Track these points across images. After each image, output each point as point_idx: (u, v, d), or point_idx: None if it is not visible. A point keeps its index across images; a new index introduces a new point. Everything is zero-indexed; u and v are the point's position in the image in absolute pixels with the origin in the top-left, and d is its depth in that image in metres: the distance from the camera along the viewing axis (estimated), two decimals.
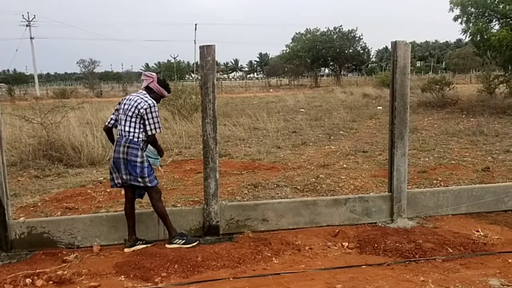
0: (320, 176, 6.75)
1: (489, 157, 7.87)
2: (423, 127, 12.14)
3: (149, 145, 4.19)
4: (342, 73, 57.01)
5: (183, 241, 4.14)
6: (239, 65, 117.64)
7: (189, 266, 3.67)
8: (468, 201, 4.96)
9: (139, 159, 3.98)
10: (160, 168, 4.37)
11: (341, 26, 51.47)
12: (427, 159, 7.94)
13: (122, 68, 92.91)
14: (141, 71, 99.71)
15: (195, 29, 57.48)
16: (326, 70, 70.14)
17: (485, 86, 18.59)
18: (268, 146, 9.58)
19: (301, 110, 17.94)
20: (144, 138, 4.06)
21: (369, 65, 66.55)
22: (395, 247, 3.93)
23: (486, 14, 15.80)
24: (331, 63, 54.64)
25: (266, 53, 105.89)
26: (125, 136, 4.00)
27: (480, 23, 15.39)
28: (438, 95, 18.02)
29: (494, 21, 16.08)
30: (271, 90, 42.49)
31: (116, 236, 4.29)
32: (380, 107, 17.61)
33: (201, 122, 4.44)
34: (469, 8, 15.61)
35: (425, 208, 4.91)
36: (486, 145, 9.08)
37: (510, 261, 3.63)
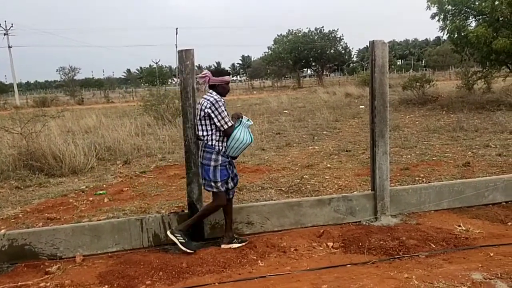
0: (305, 176, 6.77)
1: (469, 152, 7.99)
2: (405, 125, 12.28)
3: (235, 130, 4.05)
4: (324, 73, 57.38)
5: (184, 241, 4.07)
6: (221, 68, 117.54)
7: (173, 272, 3.63)
8: (450, 196, 5.03)
9: (212, 163, 4.02)
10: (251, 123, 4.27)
11: (322, 27, 51.93)
12: (409, 156, 8.03)
13: (104, 74, 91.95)
14: (123, 76, 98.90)
15: (176, 33, 57.33)
16: (309, 71, 70.53)
17: (464, 83, 18.90)
18: (252, 148, 9.57)
19: (284, 111, 17.99)
20: (220, 138, 4.04)
21: (351, 64, 67.20)
22: (379, 245, 3.96)
23: (463, 12, 16.06)
24: (313, 64, 54.96)
25: (249, 56, 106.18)
26: (202, 140, 4.09)
27: (457, 21, 15.64)
28: (419, 92, 18.27)
29: (470, 18, 16.35)
30: (254, 92, 42.55)
31: (99, 246, 4.23)
32: (363, 106, 17.76)
33: (182, 127, 4.41)
34: (446, 6, 15.83)
35: (408, 205, 4.96)
36: (466, 140, 9.23)
37: (491, 254, 3.69)
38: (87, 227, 4.30)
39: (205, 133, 4.03)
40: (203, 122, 4.03)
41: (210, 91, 4.13)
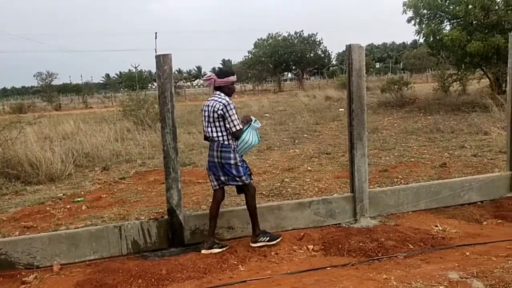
0: (285, 180, 6.80)
1: (446, 153, 8.15)
2: (383, 127, 12.46)
3: (244, 133, 4.21)
4: (304, 77, 57.75)
5: (268, 238, 4.22)
6: (202, 72, 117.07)
7: (153, 280, 3.59)
8: (427, 197, 5.12)
9: (232, 161, 4.12)
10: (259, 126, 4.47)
11: (301, 31, 52.25)
12: (388, 158, 8.14)
13: (82, 80, 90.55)
14: (101, 81, 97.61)
15: (155, 38, 56.92)
16: (289, 75, 70.90)
17: (440, 85, 19.27)
18: None
19: (265, 115, 18.05)
20: (232, 137, 4.15)
21: (330, 68, 67.77)
22: (359, 246, 4.00)
23: (438, 15, 16.39)
24: (294, 68, 55.27)
25: (229, 60, 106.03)
26: (215, 141, 4.15)
27: (433, 24, 15.96)
28: (397, 95, 18.54)
29: (445, 22, 16.71)
30: (235, 96, 42.44)
31: (77, 254, 4.16)
32: (342, 109, 17.94)
33: (161, 132, 4.38)
34: (422, 10, 16.14)
35: (387, 207, 5.02)
36: (443, 141, 9.41)
37: (467, 253, 3.76)
38: (64, 235, 4.23)
39: (219, 134, 4.13)
40: (217, 123, 4.12)
41: (218, 92, 4.22)
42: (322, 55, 54.24)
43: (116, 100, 37.60)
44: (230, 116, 4.07)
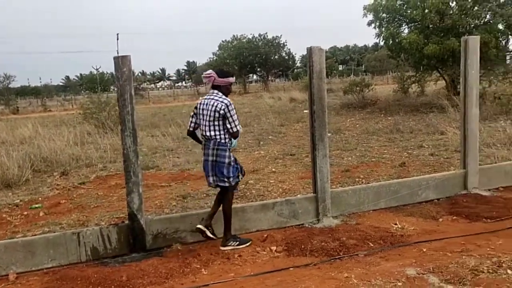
0: (250, 182, 6.81)
1: (405, 153, 8.40)
2: (346, 128, 12.70)
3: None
4: (269, 79, 58.09)
5: (238, 242, 4.26)
6: (166, 74, 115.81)
7: (113, 287, 3.51)
8: (387, 196, 5.25)
9: (227, 160, 4.19)
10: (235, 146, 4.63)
11: (266, 33, 52.50)
12: (350, 158, 8.30)
13: (40, 82, 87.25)
14: (61, 84, 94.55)
15: (117, 39, 55.74)
16: (254, 77, 71.12)
17: (400, 86, 19.85)
18: (197, 155, 9.47)
19: None
20: (229, 137, 4.24)
21: (295, 70, 68.44)
22: (321, 246, 4.06)
23: (396, 19, 16.88)
24: (259, 70, 55.50)
25: (194, 61, 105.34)
26: (212, 139, 4.19)
27: (392, 28, 16.42)
28: (359, 96, 18.96)
29: (404, 25, 17.21)
30: (200, 98, 42.21)
31: (34, 262, 4.01)
32: (306, 111, 18.03)
33: (120, 136, 4.29)
34: (381, 14, 16.58)
35: (348, 206, 5.11)
36: (402, 141, 9.69)
37: (424, 250, 3.89)
38: (21, 243, 4.07)
39: (217, 133, 4.19)
40: (216, 122, 4.18)
41: (216, 91, 4.28)
42: (287, 57, 54.73)
43: (77, 102, 36.56)
44: (232, 116, 4.17)
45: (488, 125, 10.39)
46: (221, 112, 4.13)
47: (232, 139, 4.33)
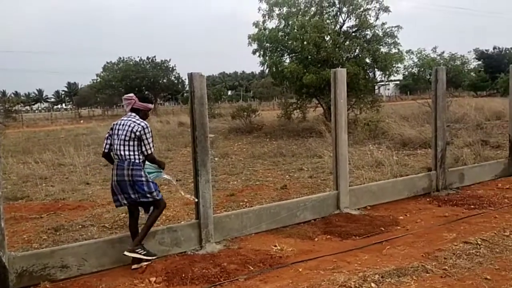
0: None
1: (287, 176, 8.81)
2: (233, 152, 12.94)
3: (146, 162, 4.44)
4: (158, 102, 57.05)
5: (145, 252, 4.30)
6: (44, 95, 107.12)
7: None
8: (268, 218, 5.41)
9: (143, 178, 4.29)
10: (169, 178, 4.93)
11: (154, 56, 51.80)
12: (235, 182, 8.44)
13: None
14: None
15: None
16: None
17: (283, 112, 20.92)
18: (74, 183, 8.84)
19: None
20: (143, 158, 4.35)
21: (184, 94, 68.37)
22: (202, 273, 4.00)
23: (279, 49, 17.92)
24: (147, 93, 54.27)
25: (75, 83, 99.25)
26: (126, 160, 4.26)
27: (275, 57, 17.39)
28: (246, 121, 19.54)
29: (285, 55, 18.33)
30: (81, 121, 39.78)
31: None
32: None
33: None
34: (265, 43, 17.49)
35: (231, 230, 5.16)
36: (285, 165, 10.16)
37: (300, 270, 4.06)
38: None
39: (131, 153, 4.28)
40: (131, 143, 4.28)
41: (133, 114, 4.42)
42: (176, 81, 54.48)
43: None
44: (147, 138, 4.32)
45: (359, 149, 11.40)
46: (137, 133, 4.26)
47: (150, 168, 4.47)
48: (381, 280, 3.69)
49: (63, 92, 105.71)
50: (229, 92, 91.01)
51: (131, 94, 4.54)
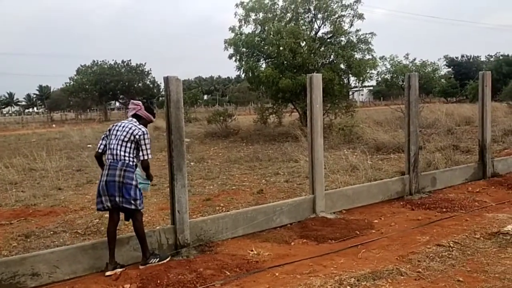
0: (106, 215, 6.37)
1: (263, 180, 8.82)
2: (209, 156, 12.87)
3: (137, 170, 4.43)
4: None
5: (158, 259, 4.41)
6: (14, 98, 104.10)
7: None
8: (244, 223, 5.40)
9: (134, 182, 4.27)
10: (148, 191, 4.93)
11: (129, 60, 51.20)
12: (211, 187, 8.39)
13: None
14: None
15: None
16: (117, 104, 68.33)
17: (259, 117, 20.96)
18: (46, 188, 8.61)
19: (88, 146, 16.85)
20: (136, 163, 4.37)
21: (160, 98, 67.79)
22: (178, 279, 3.95)
23: (255, 54, 17.96)
24: (121, 96, 53.53)
25: (48, 86, 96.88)
26: (120, 160, 4.26)
27: (251, 62, 17.42)
28: (222, 126, 19.49)
29: (261, 60, 18.41)
30: (54, 125, 38.85)
31: None
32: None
33: None
34: (241, 48, 17.50)
35: (208, 235, 5.12)
36: (261, 169, 10.17)
37: (277, 274, 4.06)
38: None
39: (127, 154, 4.30)
40: (128, 144, 4.32)
41: (135, 120, 4.52)
42: (151, 85, 53.94)
43: None
44: (146, 144, 4.36)
45: (334, 153, 11.53)
46: (137, 137, 4.32)
47: (140, 178, 4.46)
48: (357, 283, 3.72)
49: (34, 96, 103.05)
50: (205, 97, 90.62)
51: (139, 101, 4.69)
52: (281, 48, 16.33)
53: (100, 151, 4.46)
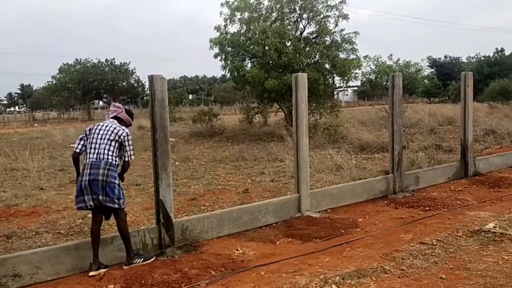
0: (89, 215, 6.29)
1: (249, 180, 8.81)
2: (194, 156, 12.82)
3: None
4: None
5: (142, 259, 4.40)
6: None
7: None
8: (230, 222, 5.39)
9: (117, 181, 4.28)
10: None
11: (113, 59, 50.63)
12: (197, 187, 8.35)
13: None
14: None
15: None
16: (101, 103, 67.56)
17: (245, 117, 20.95)
18: (28, 188, 8.47)
19: (71, 145, 16.58)
20: (119, 163, 4.38)
21: (144, 97, 67.20)
22: (162, 279, 3.92)
23: (241, 53, 17.91)
24: (105, 96, 52.94)
25: (30, 85, 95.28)
26: (103, 159, 4.25)
27: (236, 61, 17.37)
28: (207, 125, 19.42)
29: (247, 59, 18.36)
30: (36, 124, 38.21)
31: None
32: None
33: None
34: (226, 47, 17.43)
35: (193, 235, 5.09)
36: (246, 168, 10.16)
37: (262, 273, 4.06)
38: None
39: (110, 153, 4.30)
40: (113, 143, 4.34)
41: (115, 121, 4.54)
42: (135, 84, 53.45)
43: None
44: (129, 145, 4.42)
45: (319, 153, 11.59)
46: (121, 137, 4.37)
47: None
48: (341, 281, 3.74)
49: (16, 95, 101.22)
50: (190, 96, 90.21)
51: (120, 104, 4.76)
52: (266, 47, 16.33)
53: (78, 151, 4.41)
